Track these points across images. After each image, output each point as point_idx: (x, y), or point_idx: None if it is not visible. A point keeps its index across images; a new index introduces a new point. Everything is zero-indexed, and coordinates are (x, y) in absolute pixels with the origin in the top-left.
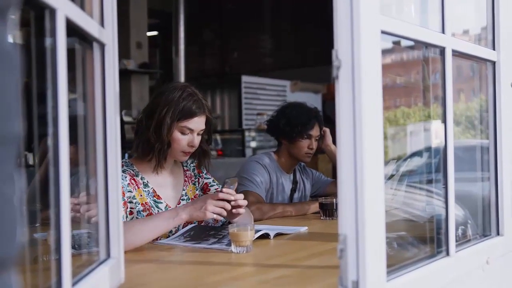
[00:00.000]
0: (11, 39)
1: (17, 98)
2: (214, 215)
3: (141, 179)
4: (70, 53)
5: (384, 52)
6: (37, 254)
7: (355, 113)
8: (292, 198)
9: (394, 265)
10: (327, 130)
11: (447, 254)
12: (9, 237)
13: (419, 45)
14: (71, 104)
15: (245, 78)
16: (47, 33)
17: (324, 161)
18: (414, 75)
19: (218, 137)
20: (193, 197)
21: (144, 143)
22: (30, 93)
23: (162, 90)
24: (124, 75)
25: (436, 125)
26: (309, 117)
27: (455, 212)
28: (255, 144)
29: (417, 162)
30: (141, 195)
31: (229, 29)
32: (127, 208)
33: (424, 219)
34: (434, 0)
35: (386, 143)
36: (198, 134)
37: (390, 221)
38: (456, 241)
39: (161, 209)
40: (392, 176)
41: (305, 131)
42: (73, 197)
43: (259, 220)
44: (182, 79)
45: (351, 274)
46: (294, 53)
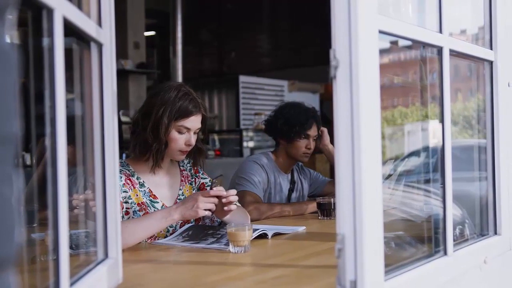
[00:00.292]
0: (8, 39)
1: (15, 98)
2: (206, 212)
3: (137, 179)
4: (68, 53)
5: (382, 52)
6: (35, 254)
7: (353, 112)
8: (290, 198)
9: (392, 264)
10: (325, 130)
11: (445, 253)
12: (8, 237)
13: (417, 44)
14: (68, 104)
15: (242, 78)
16: (44, 33)
17: (322, 161)
18: (411, 74)
19: (216, 137)
20: None
21: (141, 143)
22: (27, 93)
23: (157, 90)
24: (122, 75)
25: (433, 125)
26: (307, 117)
27: (452, 212)
28: (253, 144)
29: (414, 161)
30: (137, 195)
31: (226, 29)
32: (122, 208)
33: (422, 218)
34: (432, 0)
35: (383, 143)
36: (195, 133)
37: (388, 220)
38: (454, 240)
39: (157, 209)
40: (389, 175)
41: (303, 131)
42: (77, 194)
43: (257, 220)
44: (180, 79)
45: (349, 274)
46: (292, 53)
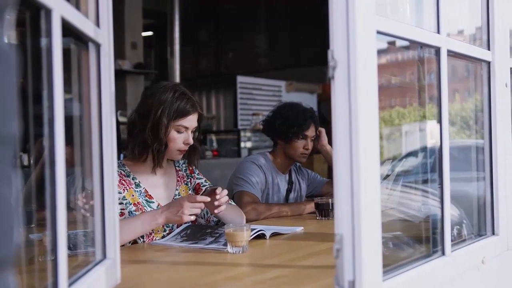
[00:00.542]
0: (6, 39)
1: (14, 99)
2: (191, 217)
3: (132, 179)
4: (66, 53)
5: (380, 52)
6: (33, 255)
7: (351, 113)
8: (288, 198)
9: (390, 265)
10: (323, 130)
11: (443, 253)
12: (7, 237)
13: (415, 45)
14: (66, 104)
15: (240, 79)
16: (42, 33)
17: (320, 161)
18: (409, 75)
19: (213, 137)
20: None
21: (140, 144)
22: (25, 93)
23: (152, 91)
24: (119, 76)
25: (431, 125)
26: (304, 117)
27: (450, 212)
28: (250, 144)
29: (412, 162)
30: (132, 195)
31: (224, 29)
32: None
33: (420, 219)
34: (429, 1)
35: (381, 143)
36: (192, 132)
37: (386, 221)
38: (452, 240)
39: (153, 209)
40: (387, 176)
41: (300, 131)
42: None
43: (255, 220)
44: (177, 79)
45: (347, 274)
46: (290, 53)
